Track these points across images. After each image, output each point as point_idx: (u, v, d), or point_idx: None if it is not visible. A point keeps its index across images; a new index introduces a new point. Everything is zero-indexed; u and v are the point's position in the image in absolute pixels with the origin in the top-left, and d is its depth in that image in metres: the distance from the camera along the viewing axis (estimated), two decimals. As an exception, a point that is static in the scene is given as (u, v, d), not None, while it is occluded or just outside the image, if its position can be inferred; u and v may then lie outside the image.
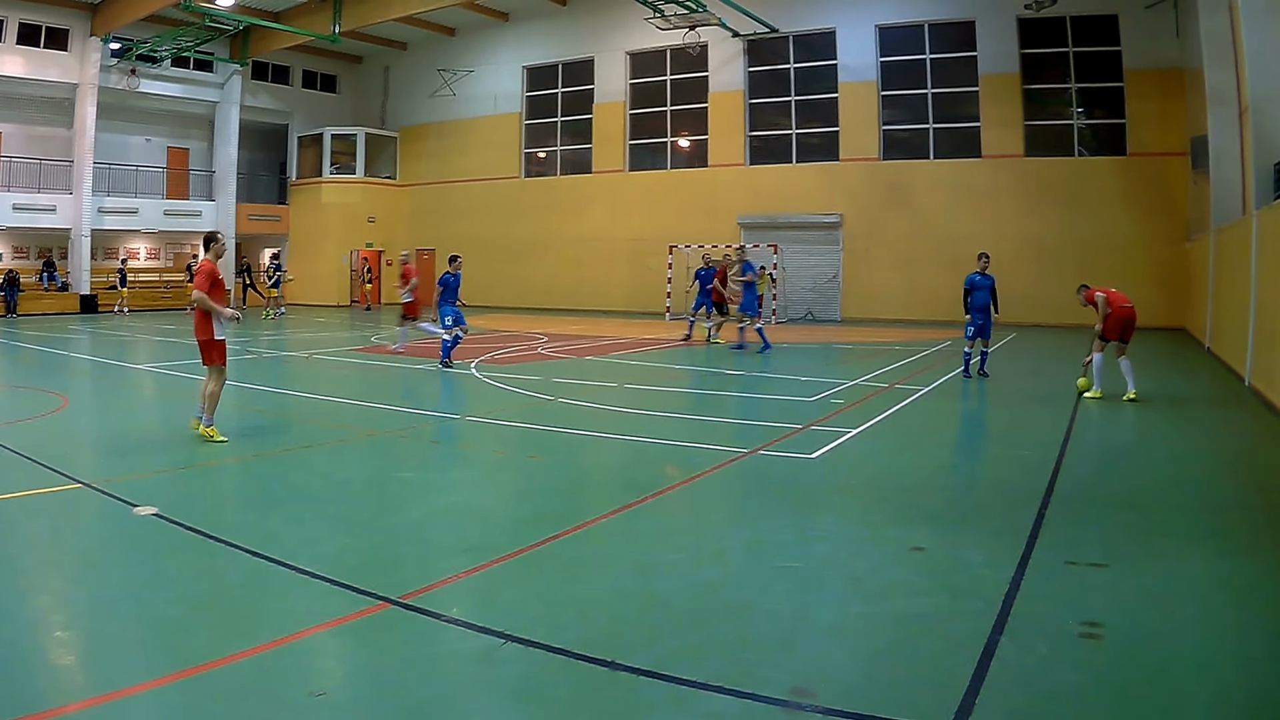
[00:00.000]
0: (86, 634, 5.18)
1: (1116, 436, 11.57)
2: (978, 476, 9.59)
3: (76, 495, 8.08)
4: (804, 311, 34.18)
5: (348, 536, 7.12)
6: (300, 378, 17.73)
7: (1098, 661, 4.83)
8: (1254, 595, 5.93)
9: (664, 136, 38.52)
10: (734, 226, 35.63)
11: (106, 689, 4.39)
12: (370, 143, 44.58)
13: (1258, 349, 14.47)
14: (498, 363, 19.00)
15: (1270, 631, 5.36)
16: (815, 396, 14.27)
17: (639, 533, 7.34)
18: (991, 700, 4.34)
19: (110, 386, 16.48)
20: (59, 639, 5.10)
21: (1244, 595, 5.94)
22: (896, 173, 33.32)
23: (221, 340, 10.53)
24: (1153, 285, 28.45)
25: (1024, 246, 30.24)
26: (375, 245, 43.96)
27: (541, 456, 10.44)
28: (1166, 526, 7.46)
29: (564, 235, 39.00)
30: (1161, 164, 28.92)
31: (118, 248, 39.92)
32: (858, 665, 4.81)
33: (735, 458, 9.97)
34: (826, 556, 6.66)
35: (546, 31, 40.71)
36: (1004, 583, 5.91)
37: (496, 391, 15.11)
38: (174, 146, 42.02)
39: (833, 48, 34.43)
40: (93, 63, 36.14)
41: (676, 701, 4.38)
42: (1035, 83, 31.46)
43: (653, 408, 13.63)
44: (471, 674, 4.75)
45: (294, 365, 19.47)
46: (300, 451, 10.48)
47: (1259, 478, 9.73)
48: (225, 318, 10.40)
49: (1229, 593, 6.01)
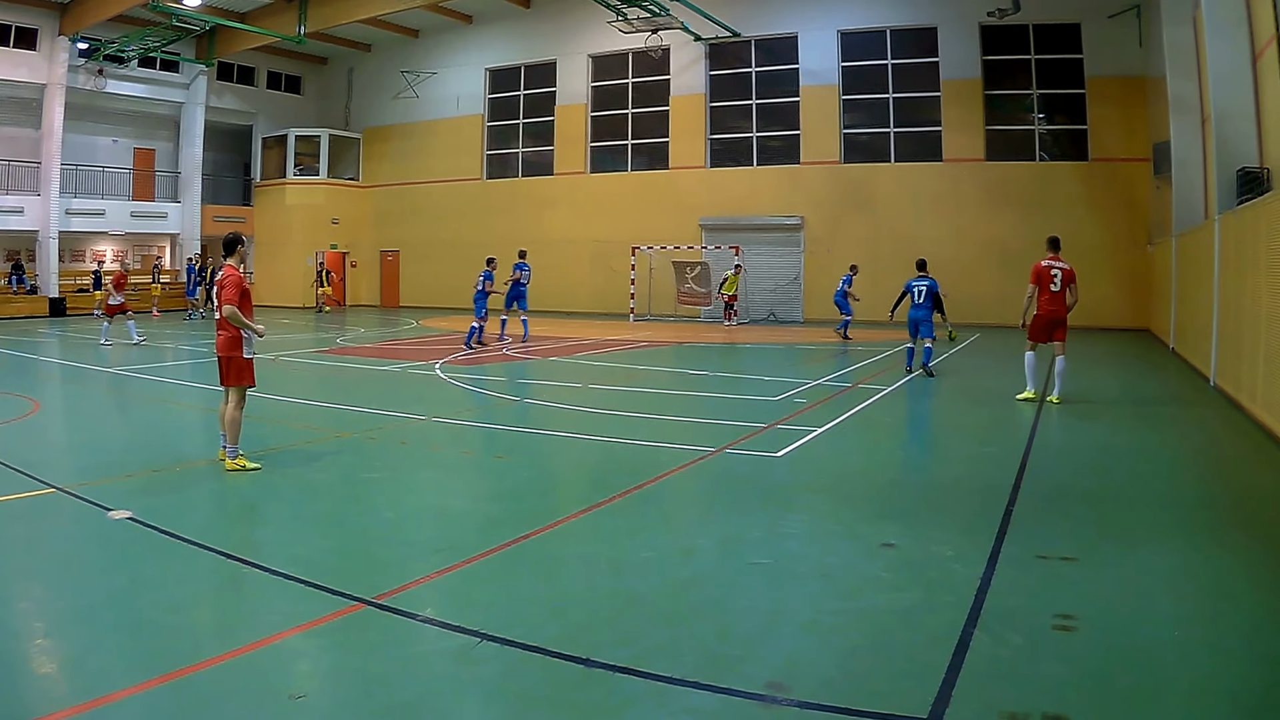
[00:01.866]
0: (67, 641, 5.13)
1: (1083, 434, 11.67)
2: (945, 473, 9.66)
3: (51, 500, 8.00)
4: (766, 313, 34.32)
5: (321, 538, 7.10)
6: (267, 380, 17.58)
7: (1074, 652, 4.88)
8: (1225, 587, 6.03)
9: (625, 139, 38.52)
10: (696, 228, 35.80)
11: (90, 696, 4.35)
12: (334, 144, 44.27)
13: (1221, 350, 14.68)
14: (463, 364, 18.96)
15: (1243, 621, 5.44)
16: (779, 396, 14.36)
17: (610, 531, 7.36)
18: (969, 692, 4.39)
19: (83, 390, 16.31)
20: (40, 646, 5.05)
21: (1215, 587, 6.04)
22: (858, 176, 33.49)
23: (250, 359, 9.55)
24: (1116, 287, 28.89)
25: (986, 249, 30.52)
26: (340, 247, 43.67)
27: (510, 457, 10.50)
28: (1136, 521, 7.56)
29: (527, 237, 38.66)
30: (1124, 169, 29.29)
31: (85, 250, 39.50)
32: (833, 659, 4.84)
33: (702, 457, 10.00)
34: (797, 553, 6.70)
35: (509, 34, 40.63)
36: (975, 577, 5.97)
37: (462, 392, 15.10)
38: (140, 148, 41.58)
39: (794, 52, 34.63)
40: (61, 63, 35.76)
41: (654, 697, 4.40)
42: (997, 88, 31.73)
43: (618, 408, 13.65)
44: (449, 673, 4.75)
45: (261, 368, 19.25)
46: (271, 454, 10.40)
47: (1226, 474, 9.89)
48: (259, 334, 9.45)
49: (1200, 585, 6.10)
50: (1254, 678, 4.67)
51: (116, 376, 17.46)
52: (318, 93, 47.04)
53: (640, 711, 4.28)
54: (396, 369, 18.13)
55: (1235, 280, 13.51)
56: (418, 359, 19.81)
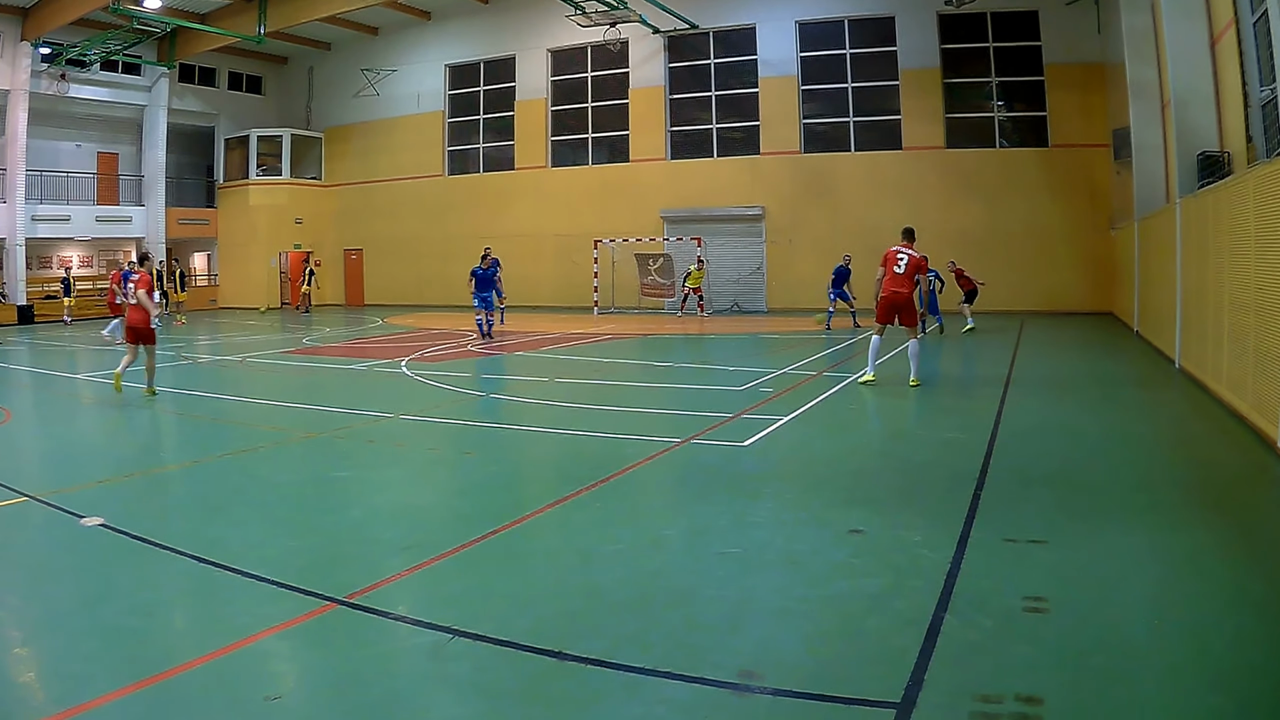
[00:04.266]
0: (43, 649, 5.08)
1: (1049, 417, 11.74)
2: (911, 459, 9.68)
3: (23, 509, 7.91)
4: (730, 303, 34.39)
5: (291, 539, 7.07)
6: (235, 382, 17.51)
7: (1045, 633, 4.92)
8: (1195, 566, 6.07)
9: (586, 133, 38.49)
10: (657, 220, 35.82)
11: (66, 704, 4.30)
12: (296, 144, 43.95)
13: (1185, 332, 14.83)
14: (427, 360, 18.91)
15: (1214, 600, 5.47)
16: (744, 386, 14.40)
17: (578, 525, 7.36)
18: (941, 675, 4.42)
19: (53, 398, 16.14)
20: (17, 655, 5.00)
21: (1185, 567, 6.08)
22: (818, 165, 33.61)
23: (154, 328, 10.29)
24: (1079, 272, 29.19)
25: (947, 236, 30.62)
26: (303, 246, 43.40)
27: (476, 452, 10.52)
28: (1104, 503, 7.60)
29: (489, 232, 38.61)
30: (1084, 155, 29.54)
31: (51, 256, 39.11)
32: (805, 646, 4.86)
33: (668, 448, 10.00)
34: (765, 541, 6.72)
35: (468, 30, 40.50)
36: (945, 561, 6.01)
37: (427, 389, 15.04)
38: (104, 151, 41.02)
39: (753, 43, 34.73)
40: (23, 68, 35.23)
41: (626, 688, 4.40)
42: (956, 76, 31.93)
43: (583, 401, 13.67)
44: (422, 670, 4.74)
45: (228, 370, 19.20)
46: (239, 456, 10.35)
47: (1193, 454, 9.97)
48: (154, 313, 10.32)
49: (1170, 565, 6.15)
50: (1226, 656, 4.70)
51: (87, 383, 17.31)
52: (279, 93, 46.66)
53: (613, 703, 4.28)
54: (363, 367, 18.07)
55: (1198, 263, 13.65)
56: (384, 357, 19.71)
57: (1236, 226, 10.94)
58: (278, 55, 45.22)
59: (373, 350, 21.75)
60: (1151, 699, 4.26)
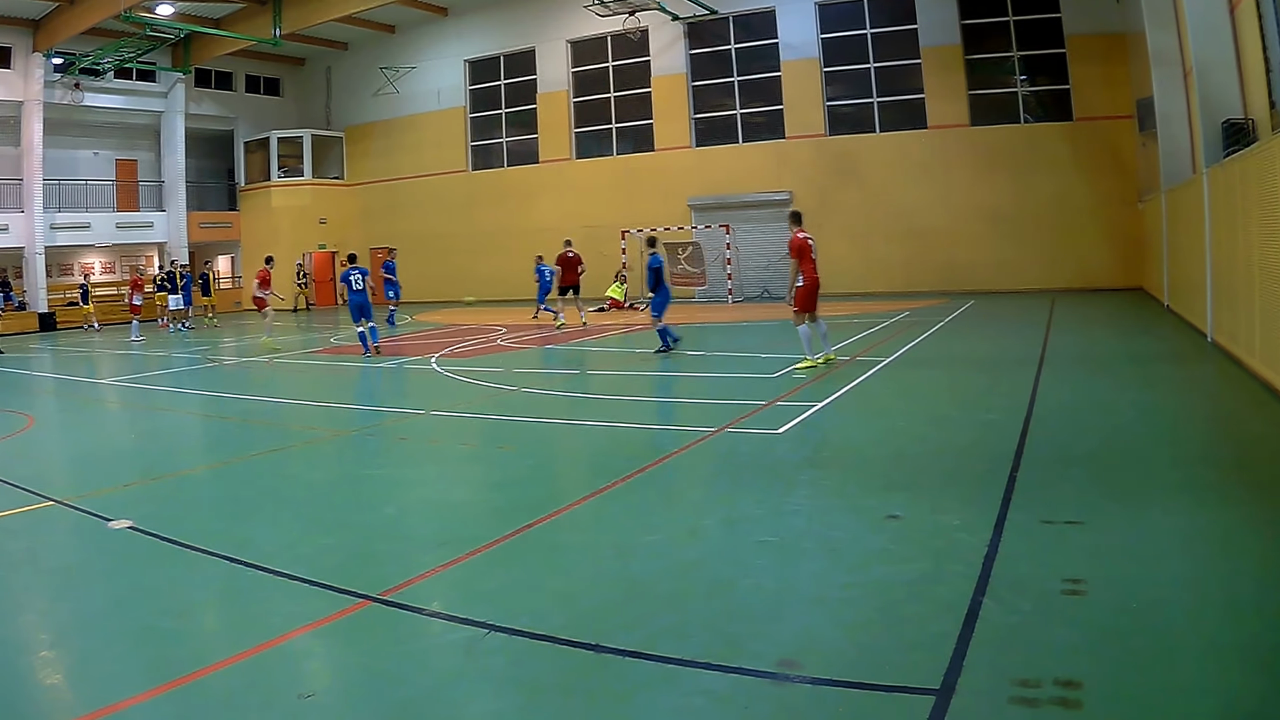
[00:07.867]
0: (73, 651, 5.09)
1: (1083, 396, 11.61)
2: (947, 443, 9.59)
3: (50, 514, 7.94)
4: (759, 290, 34.23)
5: (324, 536, 7.06)
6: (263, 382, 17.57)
7: (1084, 617, 4.83)
8: (1232, 545, 5.96)
9: (609, 123, 38.37)
10: (685, 209, 35.70)
11: (98, 705, 4.31)
12: (316, 144, 44.10)
13: (1217, 305, 14.61)
14: (458, 356, 18.92)
15: (1253, 579, 5.37)
16: (777, 373, 14.29)
17: (614, 516, 7.32)
18: (980, 660, 4.36)
19: (76, 403, 16.23)
20: (46, 658, 5.01)
21: (1223, 545, 5.98)
22: (843, 147, 33.35)
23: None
24: (1108, 247, 28.85)
25: (975, 215, 30.51)
26: (328, 246, 43.56)
27: (510, 447, 10.45)
28: (1139, 482, 7.50)
29: (516, 226, 38.70)
30: (1109, 127, 29.13)
31: (72, 264, 39.48)
32: (844, 634, 4.80)
33: (703, 437, 9.94)
34: (803, 529, 6.66)
35: (486, 24, 40.47)
36: (982, 545, 5.93)
37: (459, 385, 15.03)
38: (122, 159, 41.40)
39: (773, 27, 34.46)
40: (37, 79, 35.58)
41: (665, 680, 4.37)
42: (977, 53, 31.55)
43: (617, 392, 13.64)
44: (457, 666, 4.71)
45: (255, 370, 19.27)
46: (269, 455, 10.39)
47: (1228, 431, 9.80)
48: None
49: (1208, 544, 6.05)
50: (1265, 636, 4.62)
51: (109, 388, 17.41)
52: (297, 94, 46.83)
53: (652, 695, 4.25)
54: (393, 365, 18.08)
55: (1227, 234, 13.45)
56: (413, 354, 19.74)
57: (1266, 195, 10.73)
58: (295, 57, 45.34)
59: (402, 347, 21.76)
60: (1193, 681, 4.19)
